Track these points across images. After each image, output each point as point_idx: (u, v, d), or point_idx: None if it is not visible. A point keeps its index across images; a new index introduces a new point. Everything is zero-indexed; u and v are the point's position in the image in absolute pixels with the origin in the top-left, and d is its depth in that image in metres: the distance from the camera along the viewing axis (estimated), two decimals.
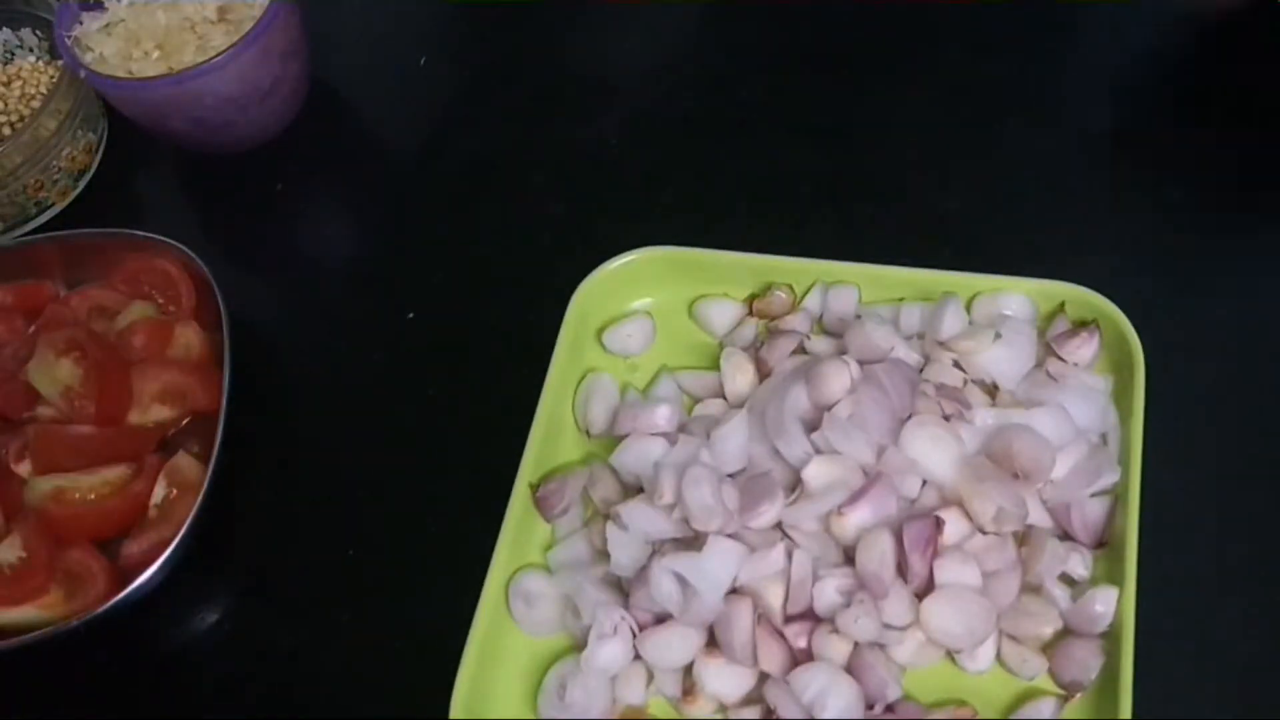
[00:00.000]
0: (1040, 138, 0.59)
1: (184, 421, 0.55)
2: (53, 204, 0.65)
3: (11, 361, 0.55)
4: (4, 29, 0.69)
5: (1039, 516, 0.45)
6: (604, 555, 0.47)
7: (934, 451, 0.45)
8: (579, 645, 0.46)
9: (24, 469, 0.53)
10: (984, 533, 0.45)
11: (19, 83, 0.67)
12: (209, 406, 0.54)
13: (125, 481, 0.52)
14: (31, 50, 0.70)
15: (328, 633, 0.50)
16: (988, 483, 0.44)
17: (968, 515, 0.45)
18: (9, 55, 0.70)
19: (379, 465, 0.54)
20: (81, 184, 0.67)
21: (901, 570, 0.44)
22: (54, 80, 0.66)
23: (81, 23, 0.63)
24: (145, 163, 0.68)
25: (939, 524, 0.44)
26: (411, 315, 0.59)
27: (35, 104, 0.66)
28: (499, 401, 0.53)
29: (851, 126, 0.61)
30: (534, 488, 0.49)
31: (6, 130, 0.65)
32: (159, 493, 0.52)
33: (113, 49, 0.62)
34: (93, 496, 0.52)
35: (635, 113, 0.64)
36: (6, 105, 0.66)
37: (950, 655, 0.44)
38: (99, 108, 0.67)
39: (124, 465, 0.53)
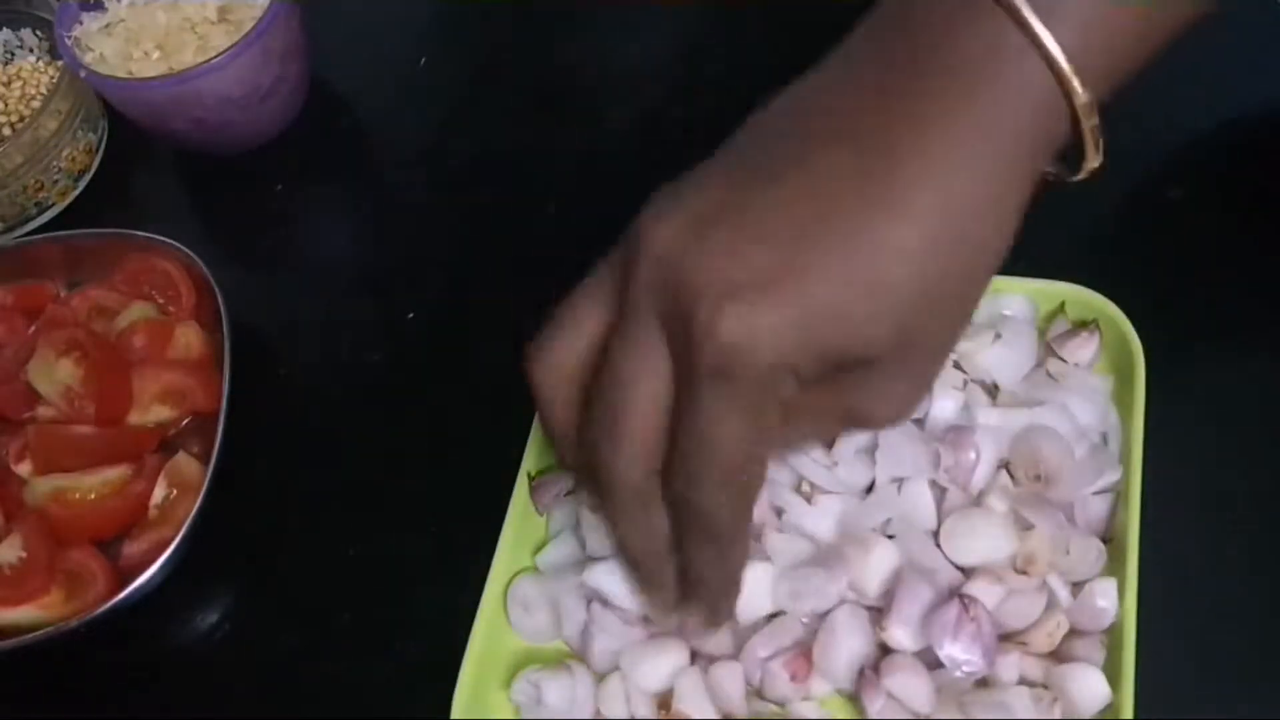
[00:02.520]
0: None
1: (184, 422, 0.55)
2: (53, 204, 0.65)
3: (12, 362, 0.55)
4: (4, 29, 0.69)
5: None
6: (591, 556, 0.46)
7: (983, 543, 0.44)
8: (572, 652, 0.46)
9: (24, 469, 0.53)
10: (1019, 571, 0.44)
11: (19, 83, 0.67)
12: (209, 406, 0.54)
13: (125, 482, 0.52)
14: (32, 50, 0.70)
15: (328, 633, 0.50)
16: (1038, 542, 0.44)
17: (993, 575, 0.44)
18: (9, 55, 0.70)
19: (379, 465, 0.54)
20: (81, 184, 0.67)
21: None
22: (54, 80, 0.66)
23: (82, 23, 0.63)
24: (145, 163, 0.68)
25: (965, 604, 0.42)
26: (411, 315, 0.59)
27: (35, 104, 0.66)
28: (499, 401, 0.53)
29: None
30: (531, 479, 0.49)
31: (7, 130, 0.65)
32: (159, 493, 0.52)
33: (113, 49, 0.62)
34: (93, 497, 0.52)
35: (636, 113, 0.64)
36: (7, 105, 0.66)
37: None
38: (99, 108, 0.67)
39: (124, 465, 0.53)
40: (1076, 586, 0.44)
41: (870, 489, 0.46)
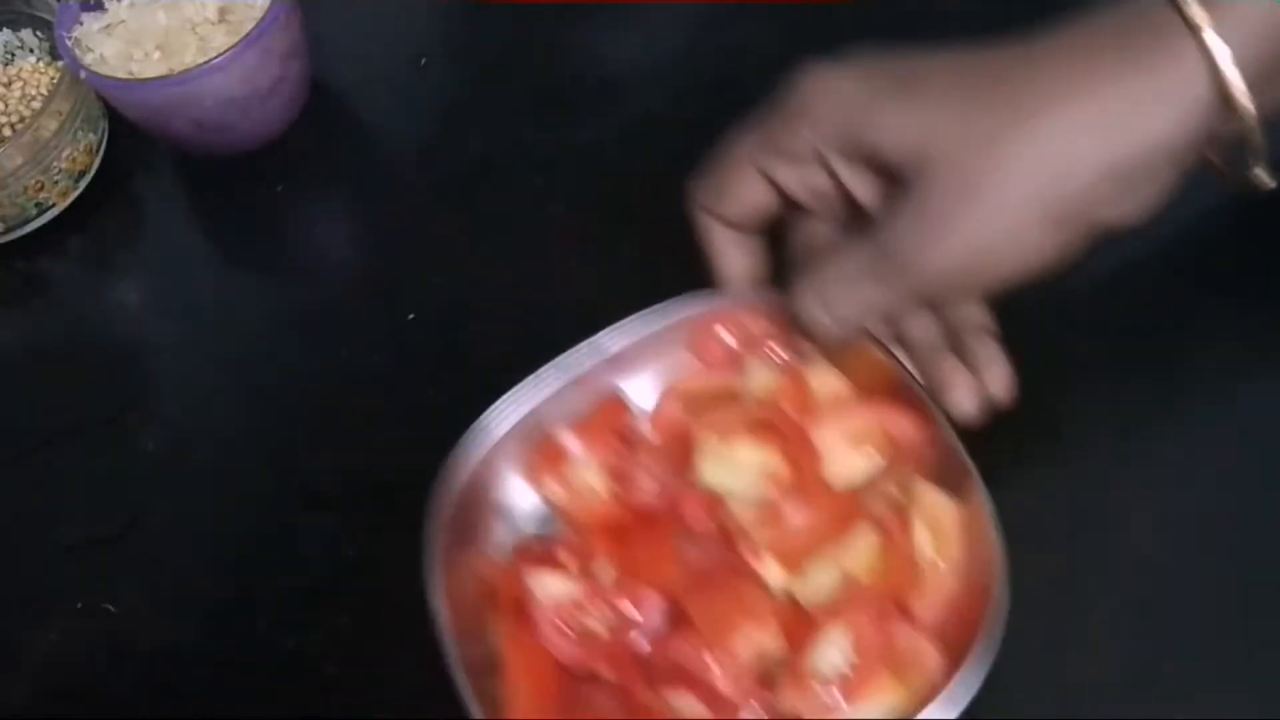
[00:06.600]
0: None
1: (886, 464, 0.46)
2: (53, 204, 0.65)
3: (664, 477, 0.47)
4: (4, 30, 0.70)
5: None
6: None
7: None
8: None
9: (770, 571, 0.44)
10: None
11: (19, 84, 0.67)
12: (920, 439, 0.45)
13: (884, 542, 0.44)
14: (32, 51, 0.70)
15: (328, 633, 0.50)
16: None
17: None
18: (9, 56, 0.70)
19: (379, 465, 0.54)
20: (82, 185, 0.67)
21: None
22: (54, 81, 0.66)
23: (82, 23, 0.63)
24: (145, 163, 0.68)
25: None
26: (412, 316, 0.59)
27: (36, 105, 0.66)
28: None
29: None
30: None
31: (7, 131, 0.65)
32: (921, 537, 0.44)
33: (113, 50, 0.62)
34: (868, 570, 0.44)
35: (635, 113, 0.64)
36: (7, 106, 0.66)
37: None
38: (99, 108, 0.67)
39: (865, 526, 0.44)
40: None
41: None
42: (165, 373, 0.60)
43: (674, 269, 0.57)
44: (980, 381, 0.44)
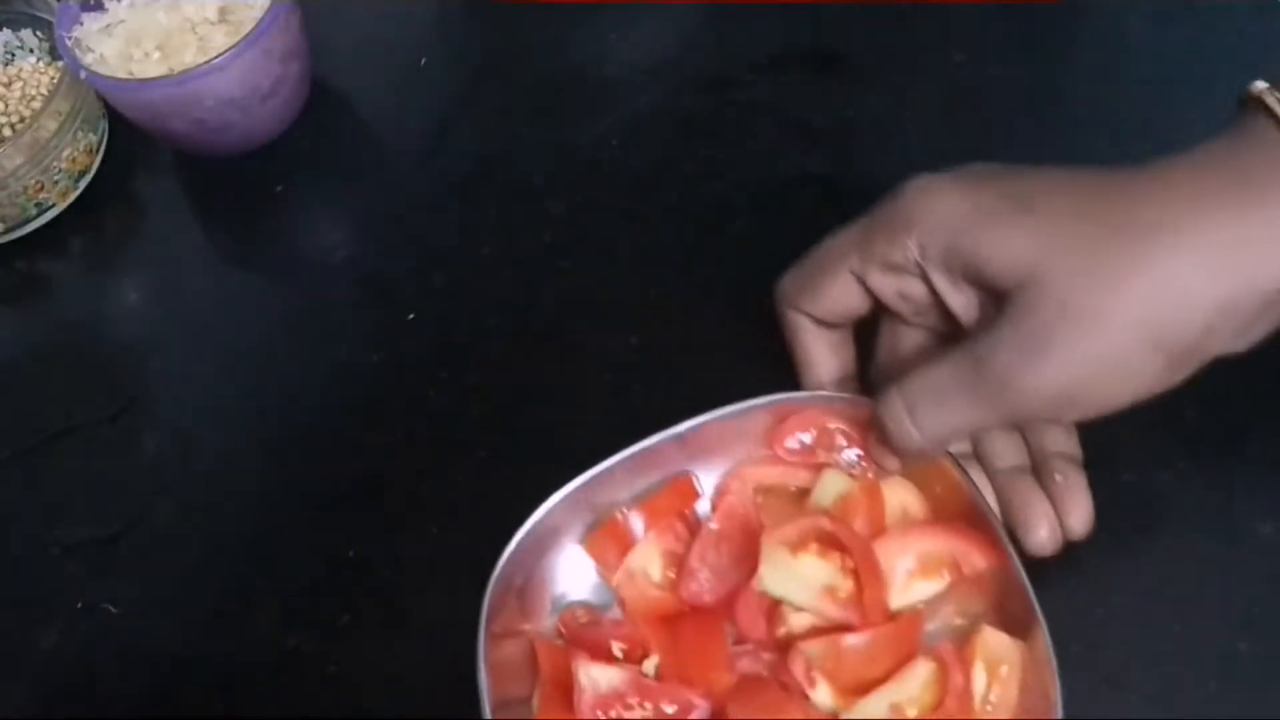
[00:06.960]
0: (1042, 138, 0.59)
1: (950, 592, 0.44)
2: (53, 205, 0.66)
3: (723, 571, 0.46)
4: (4, 30, 0.70)
5: None
6: None
7: None
8: None
9: (821, 695, 0.42)
10: None
11: (19, 84, 0.67)
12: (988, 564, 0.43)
13: (943, 678, 0.42)
14: (32, 51, 0.70)
15: (328, 633, 0.50)
16: None
17: None
18: (9, 56, 0.70)
19: (379, 465, 0.54)
20: (82, 185, 0.67)
21: None
22: (54, 81, 0.66)
23: (82, 23, 0.63)
24: (145, 163, 0.68)
25: None
26: (412, 316, 0.59)
27: (36, 105, 0.66)
28: (499, 402, 0.53)
29: (851, 126, 0.61)
30: None
31: (7, 131, 0.65)
32: (980, 679, 0.42)
33: (113, 50, 0.62)
34: (919, 706, 0.42)
35: (635, 113, 0.64)
36: (7, 106, 0.66)
37: None
38: (99, 108, 0.67)
39: (925, 660, 0.42)
40: None
41: None
42: (165, 373, 0.60)
43: (674, 269, 0.57)
44: (1059, 514, 0.42)
